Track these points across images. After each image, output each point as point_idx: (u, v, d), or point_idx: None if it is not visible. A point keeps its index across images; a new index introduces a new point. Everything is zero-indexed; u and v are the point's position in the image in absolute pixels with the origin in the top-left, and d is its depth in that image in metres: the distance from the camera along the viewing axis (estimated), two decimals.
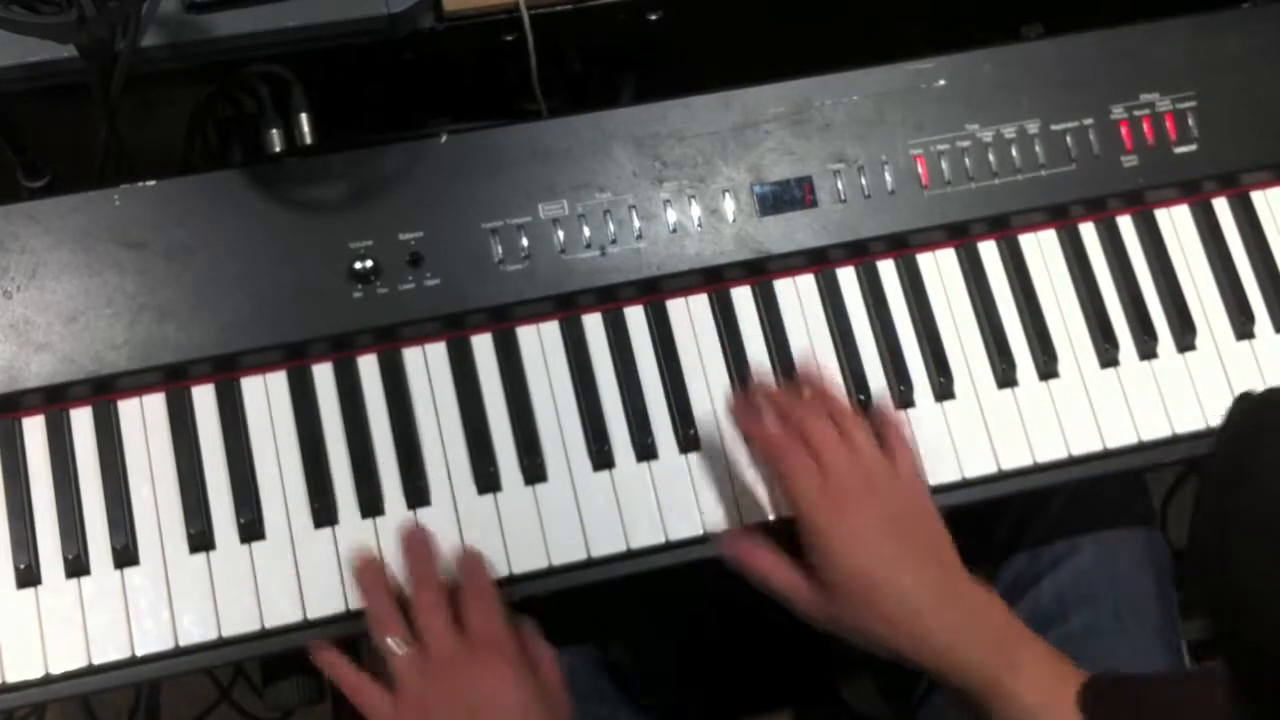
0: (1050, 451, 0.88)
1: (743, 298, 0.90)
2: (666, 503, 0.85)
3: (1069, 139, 0.92)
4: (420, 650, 0.77)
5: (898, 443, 0.82)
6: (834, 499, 0.77)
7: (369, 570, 0.80)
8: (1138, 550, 1.00)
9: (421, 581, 0.79)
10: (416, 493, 0.83)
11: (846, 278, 0.91)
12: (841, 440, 0.79)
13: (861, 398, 0.88)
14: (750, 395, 0.84)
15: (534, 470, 0.85)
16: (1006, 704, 0.75)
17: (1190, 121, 0.93)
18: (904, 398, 0.88)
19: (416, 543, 0.80)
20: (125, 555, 0.81)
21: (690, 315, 0.89)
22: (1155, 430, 0.89)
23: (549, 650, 0.81)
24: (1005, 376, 0.89)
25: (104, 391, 0.83)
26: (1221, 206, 0.95)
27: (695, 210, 0.88)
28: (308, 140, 0.86)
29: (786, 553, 0.80)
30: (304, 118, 0.86)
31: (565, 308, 0.88)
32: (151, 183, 0.84)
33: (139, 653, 0.80)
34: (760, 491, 0.85)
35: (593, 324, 0.88)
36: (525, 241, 0.86)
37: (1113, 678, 0.76)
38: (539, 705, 0.77)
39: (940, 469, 0.87)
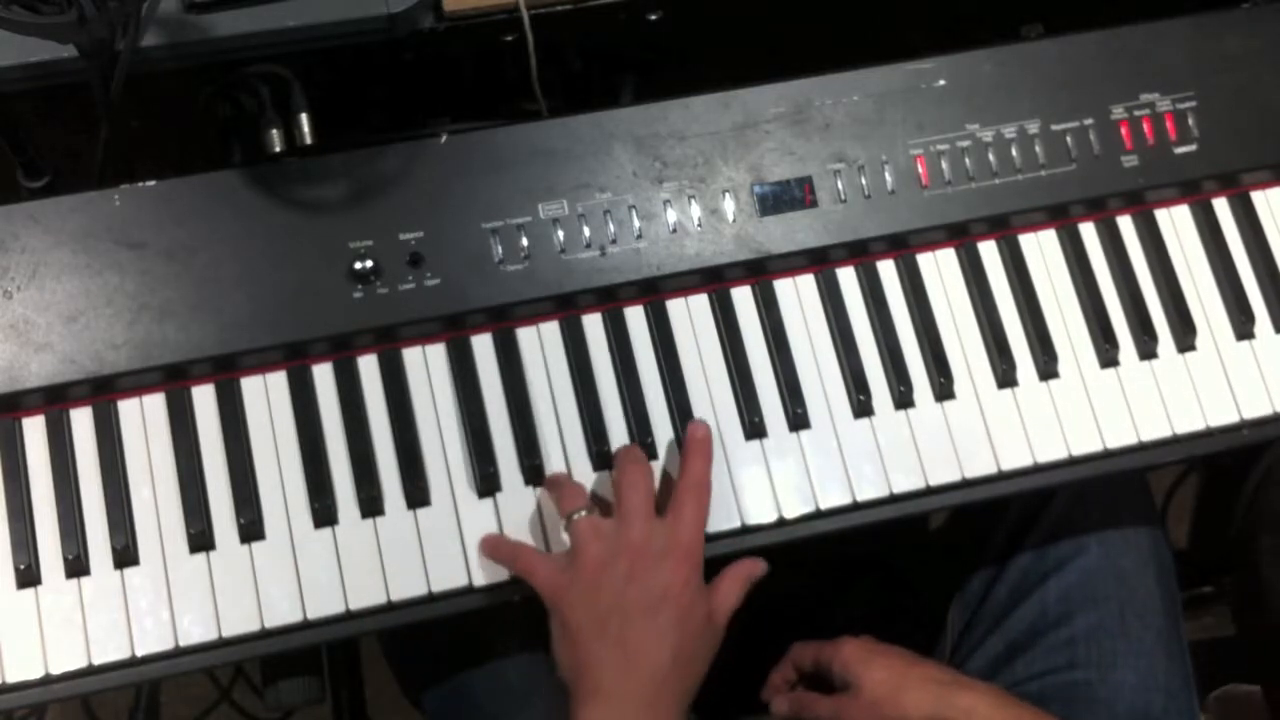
0: (1050, 451, 0.88)
1: (743, 298, 0.90)
2: None
3: (1069, 139, 0.92)
4: (606, 522, 0.79)
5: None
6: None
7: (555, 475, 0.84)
8: (1143, 550, 1.00)
9: (632, 460, 0.82)
10: (416, 493, 0.83)
11: (846, 278, 0.91)
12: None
13: (862, 397, 0.88)
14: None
15: (534, 471, 0.85)
16: None
17: (1190, 121, 0.93)
18: (904, 398, 0.88)
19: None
20: (125, 555, 0.81)
21: (690, 315, 0.89)
22: (1155, 430, 0.89)
23: (731, 594, 0.82)
24: (1005, 376, 0.89)
25: (104, 391, 0.83)
26: (1221, 206, 0.95)
27: (695, 210, 0.88)
28: (308, 140, 0.86)
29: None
30: (304, 118, 0.86)
31: (565, 308, 0.88)
32: (151, 183, 0.84)
33: (139, 653, 0.80)
34: (760, 494, 0.85)
35: (593, 324, 0.88)
36: (525, 241, 0.86)
37: None
38: (703, 630, 0.79)
39: (940, 469, 0.87)
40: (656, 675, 0.77)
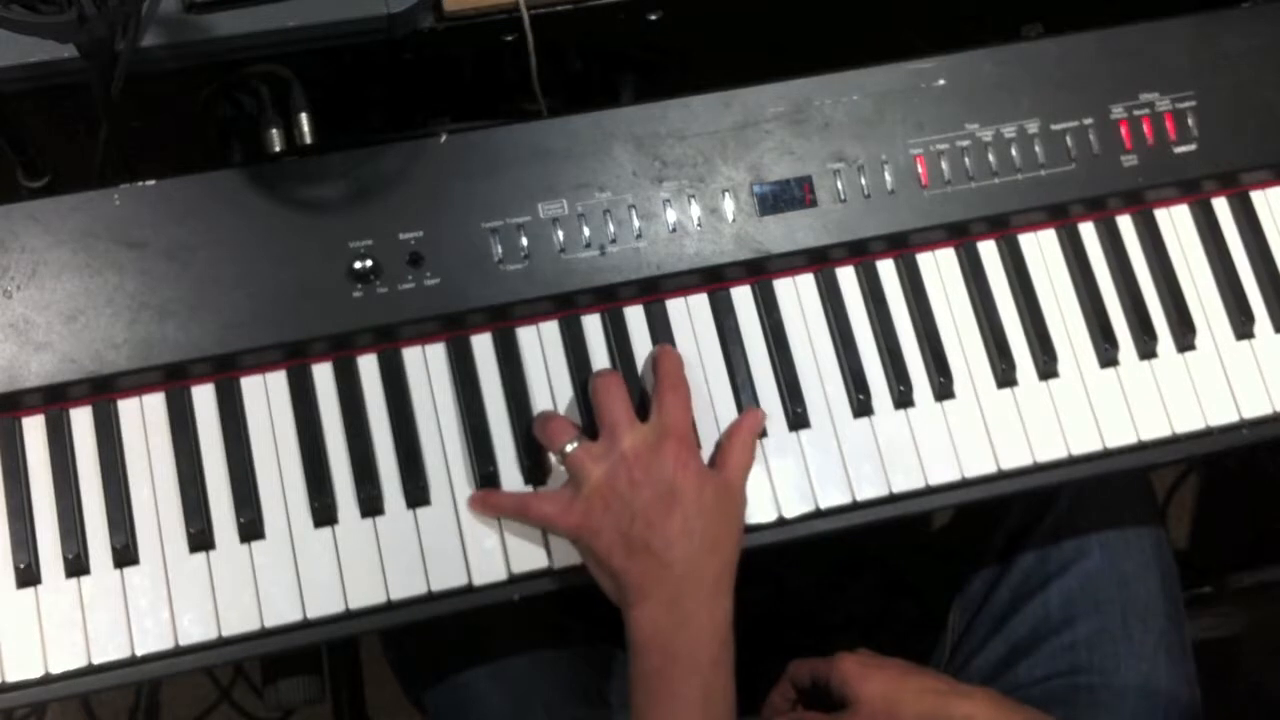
0: (1050, 451, 0.88)
1: (742, 297, 0.90)
2: None
3: (1069, 139, 0.92)
4: (596, 444, 0.81)
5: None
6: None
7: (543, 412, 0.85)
8: (1145, 552, 1.00)
9: (603, 375, 0.84)
10: (416, 493, 0.83)
11: (846, 277, 0.91)
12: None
13: (861, 397, 0.88)
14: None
15: (534, 471, 0.85)
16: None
17: (1190, 121, 0.93)
18: (904, 397, 0.88)
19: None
20: (125, 555, 0.81)
21: (690, 315, 0.89)
22: (1155, 430, 0.89)
23: (740, 453, 0.84)
24: (1005, 376, 0.89)
25: (104, 391, 0.83)
26: (1221, 206, 0.95)
27: (695, 210, 0.88)
28: (308, 140, 0.86)
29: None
30: (304, 117, 0.86)
31: (565, 307, 0.88)
32: (151, 183, 0.84)
33: (139, 652, 0.80)
34: (760, 494, 0.85)
35: (592, 324, 0.88)
36: (525, 241, 0.86)
37: None
38: (720, 502, 0.81)
39: (940, 469, 0.87)
40: (690, 562, 0.79)
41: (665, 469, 0.79)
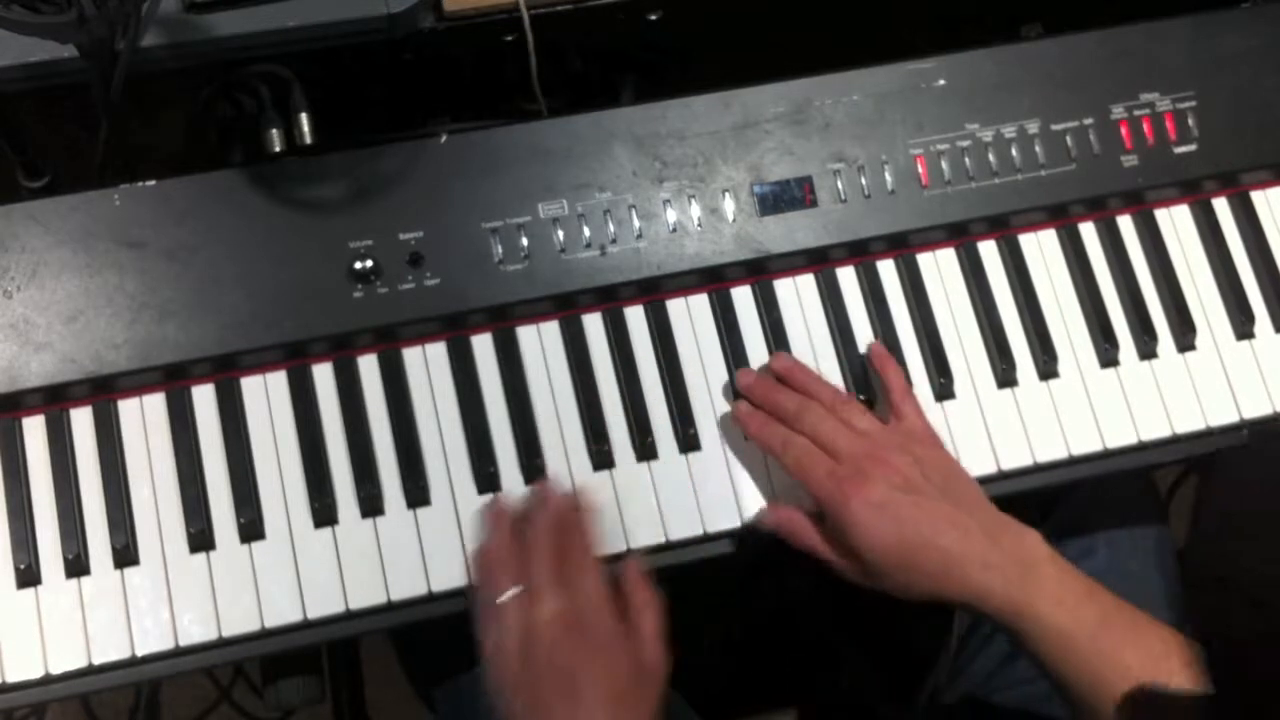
0: (1050, 451, 0.88)
1: (743, 297, 0.90)
2: (666, 503, 0.85)
3: (1069, 139, 0.92)
4: (522, 602, 0.75)
5: (901, 400, 0.83)
6: (842, 478, 0.78)
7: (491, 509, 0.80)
8: (1150, 551, 1.00)
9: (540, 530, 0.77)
10: (416, 493, 0.83)
11: (846, 278, 0.91)
12: (840, 422, 0.80)
13: (862, 398, 0.88)
14: (749, 396, 0.84)
15: (534, 471, 0.85)
16: (1034, 624, 0.76)
17: (1190, 121, 0.93)
18: None
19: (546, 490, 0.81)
20: (125, 555, 0.81)
21: (690, 315, 0.89)
22: (1155, 430, 0.89)
23: (651, 603, 0.77)
24: (1005, 376, 0.89)
25: (104, 391, 0.83)
26: (1221, 206, 0.95)
27: (695, 210, 0.88)
28: (308, 140, 0.86)
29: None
30: (304, 117, 0.86)
31: (565, 307, 0.88)
32: (151, 183, 0.84)
33: (139, 653, 0.80)
34: (760, 491, 0.85)
35: (593, 324, 0.88)
36: (525, 241, 0.86)
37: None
38: (631, 677, 0.74)
39: None
40: None
41: (570, 655, 0.73)
